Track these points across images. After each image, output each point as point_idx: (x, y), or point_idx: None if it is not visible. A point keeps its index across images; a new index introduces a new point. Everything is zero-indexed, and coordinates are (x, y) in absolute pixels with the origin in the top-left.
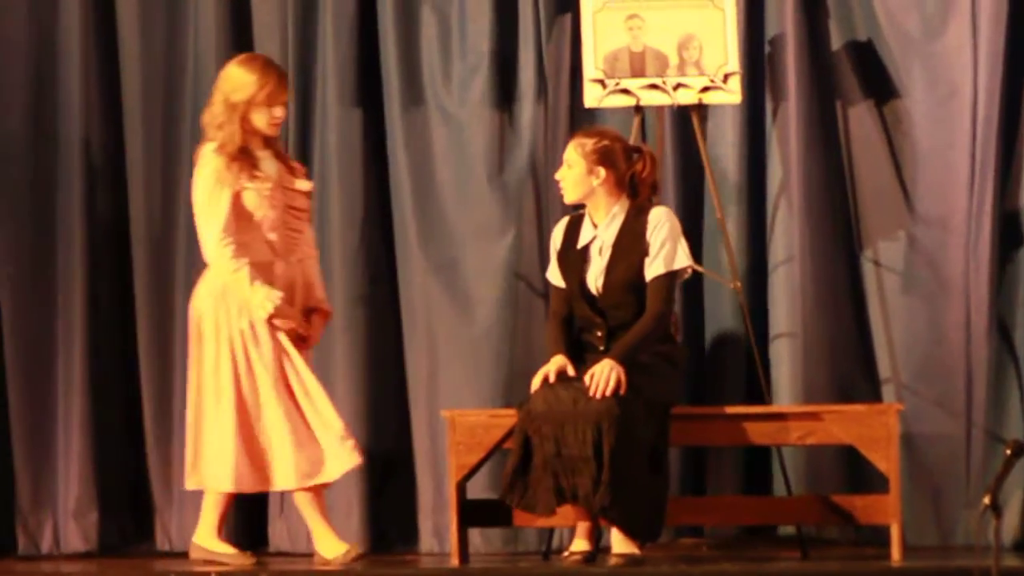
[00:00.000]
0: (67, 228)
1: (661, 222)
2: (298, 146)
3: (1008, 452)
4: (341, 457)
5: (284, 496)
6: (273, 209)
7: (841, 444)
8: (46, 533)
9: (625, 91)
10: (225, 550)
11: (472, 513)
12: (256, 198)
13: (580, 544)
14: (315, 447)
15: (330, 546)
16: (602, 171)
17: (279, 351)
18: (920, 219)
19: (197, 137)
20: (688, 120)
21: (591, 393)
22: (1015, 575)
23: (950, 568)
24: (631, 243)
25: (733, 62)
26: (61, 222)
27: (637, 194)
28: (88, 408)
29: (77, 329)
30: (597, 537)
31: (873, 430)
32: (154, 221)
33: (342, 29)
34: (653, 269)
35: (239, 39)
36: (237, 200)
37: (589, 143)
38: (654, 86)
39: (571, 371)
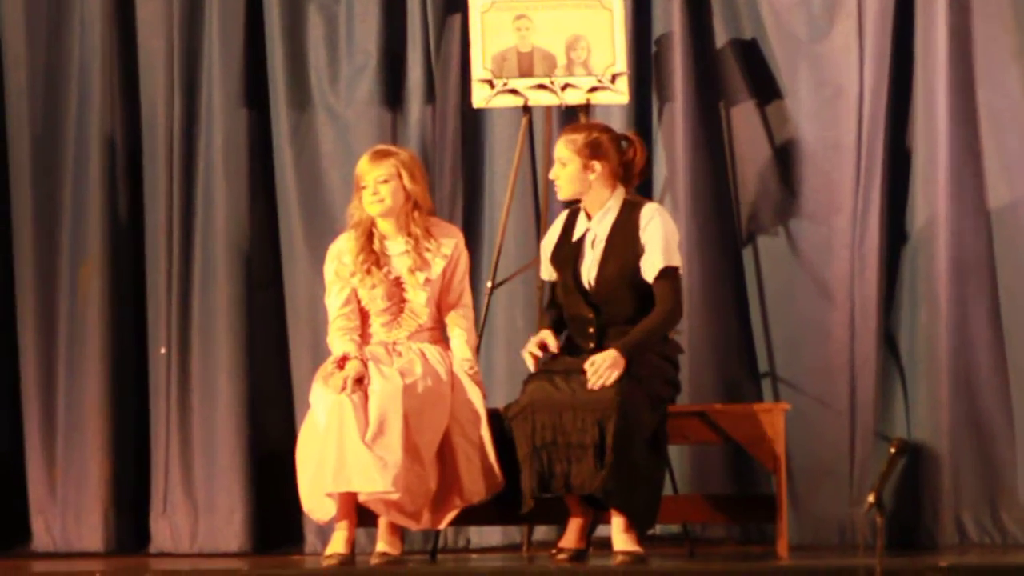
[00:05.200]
0: None
1: (654, 219)
2: (183, 146)
3: (892, 450)
4: None
5: (167, 495)
6: None
7: (727, 443)
8: None
9: (513, 91)
10: None
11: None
12: None
13: (570, 541)
14: None
15: None
16: (597, 165)
17: None
18: (805, 219)
19: (81, 137)
20: (576, 120)
21: (590, 385)
22: (899, 573)
23: (835, 567)
24: (624, 238)
25: (621, 63)
26: None
27: (629, 180)
28: None
29: None
30: (588, 536)
31: (759, 429)
32: (41, 220)
33: (228, 28)
34: (654, 267)
35: (124, 37)
36: None
37: (580, 138)
38: (542, 86)
39: (552, 342)
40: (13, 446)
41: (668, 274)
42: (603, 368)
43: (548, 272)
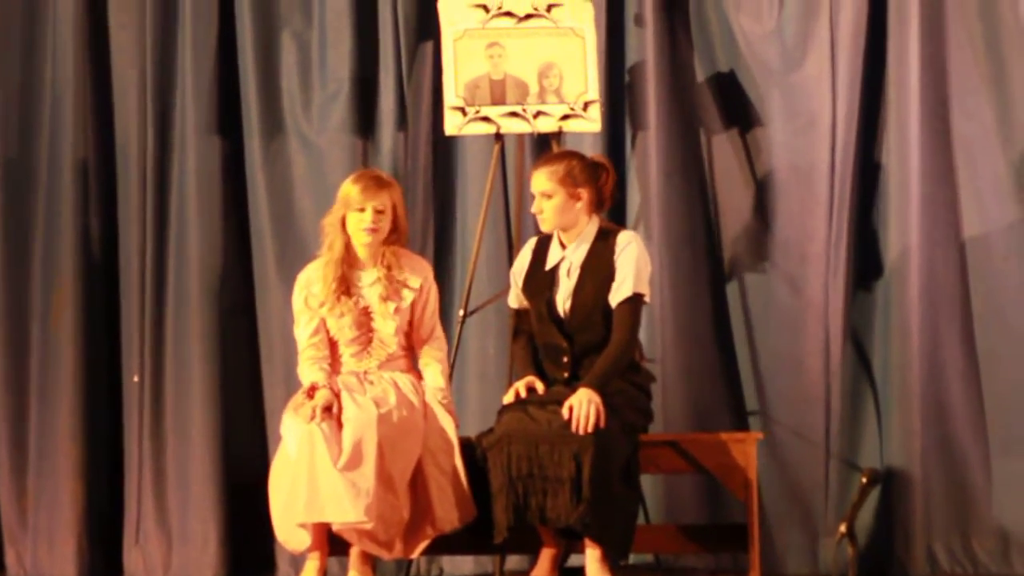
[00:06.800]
0: None
1: (630, 245)
2: (157, 173)
3: (864, 480)
4: None
5: (140, 525)
6: None
7: (700, 472)
8: None
9: (485, 119)
10: None
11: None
12: None
13: (542, 571)
14: None
15: None
16: (583, 193)
17: None
18: (779, 247)
19: (54, 164)
20: (548, 148)
21: (574, 429)
22: None
23: None
24: (599, 265)
25: (593, 90)
26: None
27: (602, 206)
28: None
29: None
30: (560, 566)
31: (731, 459)
32: (13, 248)
33: (201, 55)
34: (619, 295)
35: (97, 65)
36: None
37: (561, 169)
38: (514, 114)
39: (540, 387)
40: None
41: (632, 301)
42: (584, 412)
43: (517, 299)
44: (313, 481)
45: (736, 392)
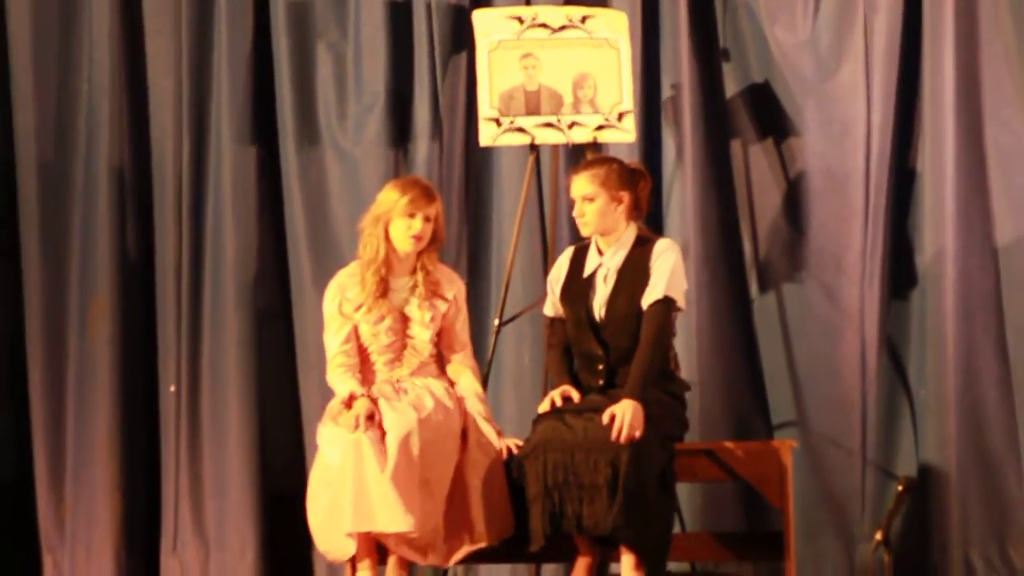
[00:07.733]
0: None
1: (667, 252)
2: (193, 184)
3: (900, 488)
4: None
5: (177, 533)
6: None
7: (736, 481)
8: None
9: (520, 129)
10: None
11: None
12: None
13: None
14: None
15: None
16: (625, 195)
17: None
18: (814, 256)
19: (90, 172)
20: (583, 158)
21: (613, 436)
22: None
23: None
24: (635, 271)
25: (627, 101)
26: None
27: (640, 213)
28: None
29: None
30: (597, 574)
31: (767, 467)
32: (50, 259)
33: (237, 67)
34: (650, 297)
35: (133, 76)
36: None
37: (602, 172)
38: (549, 124)
39: (575, 396)
40: (23, 484)
41: (663, 303)
42: (624, 422)
43: (553, 308)
44: (362, 490)
45: (772, 400)
